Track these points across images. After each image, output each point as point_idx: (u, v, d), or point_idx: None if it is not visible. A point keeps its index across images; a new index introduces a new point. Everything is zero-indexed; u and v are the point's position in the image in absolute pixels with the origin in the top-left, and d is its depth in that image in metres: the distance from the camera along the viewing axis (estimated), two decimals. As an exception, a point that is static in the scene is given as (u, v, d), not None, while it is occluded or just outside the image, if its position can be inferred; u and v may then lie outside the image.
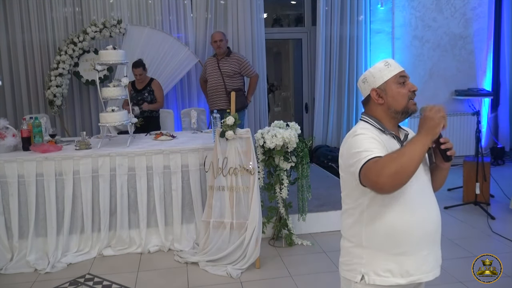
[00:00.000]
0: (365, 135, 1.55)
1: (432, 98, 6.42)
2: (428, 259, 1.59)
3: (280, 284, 3.21)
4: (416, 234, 1.55)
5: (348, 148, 1.57)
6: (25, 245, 3.60)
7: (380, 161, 1.43)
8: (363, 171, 1.46)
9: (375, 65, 1.67)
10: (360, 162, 1.47)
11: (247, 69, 5.08)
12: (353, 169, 1.51)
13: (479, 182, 4.53)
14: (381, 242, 1.56)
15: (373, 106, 1.65)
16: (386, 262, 1.56)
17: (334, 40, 6.26)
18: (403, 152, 1.44)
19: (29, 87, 5.70)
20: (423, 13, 6.44)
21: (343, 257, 1.70)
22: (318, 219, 4.06)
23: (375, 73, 1.64)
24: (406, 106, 1.61)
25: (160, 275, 3.38)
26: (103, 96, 4.02)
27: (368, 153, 1.47)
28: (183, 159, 3.79)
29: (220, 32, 5.12)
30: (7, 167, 3.58)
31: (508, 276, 3.05)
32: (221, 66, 5.01)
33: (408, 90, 1.61)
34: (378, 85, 1.62)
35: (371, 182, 1.45)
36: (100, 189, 3.70)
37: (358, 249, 1.61)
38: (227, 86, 4.99)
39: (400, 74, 1.62)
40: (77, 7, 5.68)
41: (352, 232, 1.63)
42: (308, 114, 6.91)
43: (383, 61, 1.66)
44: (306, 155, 3.71)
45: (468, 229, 4.11)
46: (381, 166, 1.41)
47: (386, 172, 1.40)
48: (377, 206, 1.55)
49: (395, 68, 1.63)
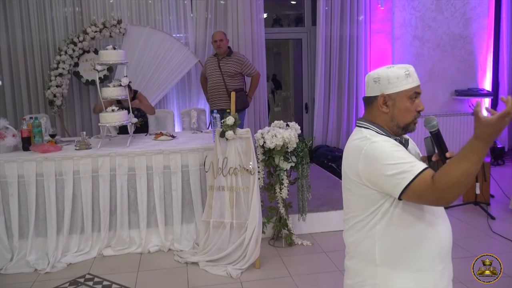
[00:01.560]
0: (387, 143, 1.41)
1: (432, 98, 6.43)
2: (444, 274, 1.47)
3: (280, 284, 3.20)
4: (437, 246, 1.44)
5: (369, 159, 1.40)
6: (25, 245, 3.60)
7: (438, 184, 1.28)
8: (413, 190, 1.32)
9: (394, 69, 1.49)
10: (404, 178, 1.32)
11: (249, 68, 5.05)
12: (389, 182, 1.36)
13: (479, 182, 4.53)
14: (397, 258, 1.43)
15: (375, 111, 1.52)
16: (403, 280, 1.42)
17: (334, 40, 6.26)
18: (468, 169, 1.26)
19: (29, 87, 5.69)
20: (423, 13, 6.44)
21: (352, 279, 1.55)
22: (318, 219, 4.06)
23: (392, 78, 1.47)
24: (409, 124, 1.50)
25: (160, 275, 3.38)
26: (103, 96, 4.01)
27: (408, 166, 1.34)
28: (183, 159, 3.79)
29: (221, 32, 5.09)
30: (7, 167, 3.58)
31: (508, 276, 3.05)
32: (222, 66, 4.98)
33: (415, 108, 1.48)
34: (390, 92, 1.47)
35: (429, 202, 1.34)
36: (100, 189, 3.70)
37: (370, 267, 1.47)
38: (227, 86, 4.97)
39: (416, 90, 1.48)
40: (77, 7, 5.68)
41: (362, 249, 1.49)
42: (308, 114, 6.91)
43: (403, 67, 1.49)
44: (306, 155, 3.71)
45: (468, 229, 4.11)
46: (442, 187, 1.28)
47: (449, 194, 1.28)
48: (391, 218, 1.43)
49: (413, 80, 1.48)
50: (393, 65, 1.52)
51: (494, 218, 4.27)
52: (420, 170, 1.33)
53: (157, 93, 5.60)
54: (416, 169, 1.33)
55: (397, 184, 1.34)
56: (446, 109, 6.53)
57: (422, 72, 6.45)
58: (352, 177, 1.47)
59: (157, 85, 5.56)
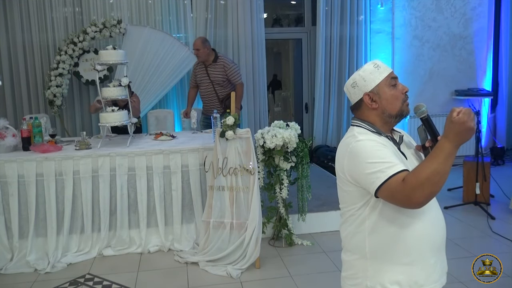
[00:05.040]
0: (371, 142, 1.45)
1: (432, 98, 6.42)
2: (436, 268, 1.50)
3: (280, 284, 3.20)
4: (425, 241, 1.47)
5: (352, 157, 1.46)
6: (25, 245, 3.60)
7: (409, 183, 1.32)
8: (386, 189, 1.37)
9: (363, 68, 1.58)
10: (379, 178, 1.37)
11: (233, 75, 4.85)
12: (366, 180, 1.41)
13: (479, 182, 4.53)
14: (386, 252, 1.47)
15: (365, 111, 1.56)
16: (393, 274, 1.46)
17: (334, 40, 6.26)
18: (435, 169, 1.30)
19: (29, 87, 5.69)
20: (423, 13, 6.44)
21: (346, 271, 1.60)
22: (318, 219, 4.06)
23: (365, 76, 1.54)
24: (400, 109, 1.54)
25: (160, 275, 3.38)
26: (103, 96, 4.01)
27: (385, 166, 1.38)
28: (183, 159, 3.79)
29: (199, 40, 4.81)
30: (7, 167, 3.58)
31: (508, 276, 3.05)
32: (210, 73, 4.86)
33: (401, 92, 1.54)
34: (370, 88, 1.53)
35: (399, 204, 1.38)
36: (100, 189, 3.69)
37: (362, 261, 1.52)
38: (218, 94, 4.89)
39: (390, 76, 1.55)
40: (77, 7, 5.68)
41: (354, 243, 1.54)
42: (308, 114, 6.91)
43: (371, 62, 1.58)
44: (306, 155, 3.71)
45: (468, 229, 4.11)
46: (411, 187, 1.31)
47: (419, 194, 1.31)
48: (380, 213, 1.46)
49: (384, 69, 1.55)
50: (362, 66, 1.61)
51: (494, 218, 4.27)
52: (396, 171, 1.37)
53: (157, 93, 5.59)
54: (392, 170, 1.37)
55: (372, 182, 1.39)
56: (446, 109, 6.52)
57: (422, 72, 6.45)
58: (340, 173, 1.55)
59: (157, 85, 5.56)
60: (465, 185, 4.76)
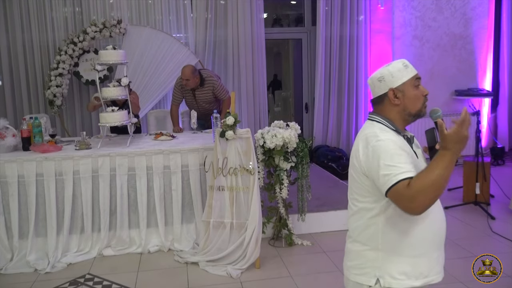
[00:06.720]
0: (393, 143, 1.52)
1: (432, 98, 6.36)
2: (438, 261, 1.62)
3: (280, 284, 3.20)
4: (431, 236, 1.58)
5: (373, 154, 1.52)
6: (25, 245, 3.60)
7: (413, 187, 1.40)
8: (394, 192, 1.45)
9: (392, 64, 1.64)
10: (390, 180, 1.45)
11: (220, 93, 4.77)
12: (379, 181, 1.49)
13: (479, 182, 4.53)
14: (397, 245, 1.56)
15: (387, 106, 1.63)
16: (401, 265, 1.56)
17: (334, 40, 6.26)
18: (438, 174, 1.40)
19: (29, 87, 5.70)
20: (423, 13, 6.44)
21: (353, 261, 1.67)
22: (318, 219, 4.06)
23: (394, 72, 1.61)
24: (420, 109, 1.62)
25: (160, 275, 3.38)
26: (103, 96, 4.01)
27: (399, 171, 1.45)
28: (183, 159, 3.79)
29: (188, 70, 4.56)
30: (7, 167, 3.58)
31: (508, 276, 3.05)
32: (197, 96, 4.77)
33: (422, 93, 1.62)
34: (396, 85, 1.60)
35: (403, 207, 1.45)
36: (100, 189, 3.69)
37: (373, 252, 1.60)
38: (208, 110, 4.75)
39: (416, 77, 1.62)
40: (77, 7, 5.69)
41: (366, 235, 1.61)
42: (308, 114, 6.91)
43: (400, 61, 1.64)
44: (306, 155, 3.71)
45: (468, 229, 4.11)
46: (414, 193, 1.40)
47: (421, 200, 1.40)
48: (395, 208, 1.52)
49: (412, 69, 1.62)
50: (389, 63, 1.66)
51: (494, 218, 4.27)
52: (406, 177, 1.44)
53: (157, 93, 5.60)
54: (403, 176, 1.44)
55: (384, 183, 1.48)
56: (446, 109, 6.53)
57: (423, 72, 6.37)
58: (355, 163, 1.61)
59: (157, 85, 5.56)
60: (465, 185, 4.75)
